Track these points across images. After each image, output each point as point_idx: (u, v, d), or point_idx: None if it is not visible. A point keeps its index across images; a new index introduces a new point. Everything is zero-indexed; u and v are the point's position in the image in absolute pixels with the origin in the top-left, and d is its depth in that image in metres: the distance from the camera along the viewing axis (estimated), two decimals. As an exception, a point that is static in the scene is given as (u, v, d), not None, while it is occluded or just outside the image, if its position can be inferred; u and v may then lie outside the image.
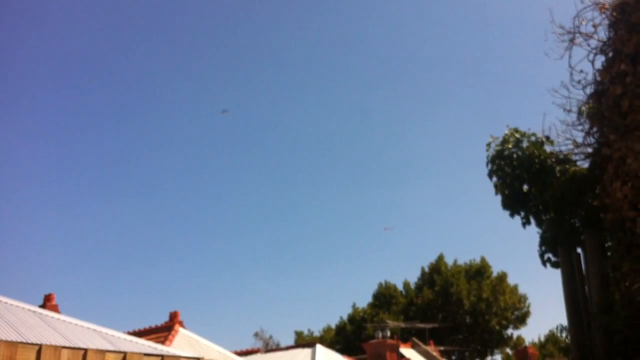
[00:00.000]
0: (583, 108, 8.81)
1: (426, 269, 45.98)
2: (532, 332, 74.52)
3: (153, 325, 20.94)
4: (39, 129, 60.52)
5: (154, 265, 63.56)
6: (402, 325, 34.91)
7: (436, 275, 44.47)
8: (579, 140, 8.69)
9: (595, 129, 8.63)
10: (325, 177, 69.10)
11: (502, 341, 44.42)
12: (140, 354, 3.59)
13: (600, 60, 8.71)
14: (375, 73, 69.08)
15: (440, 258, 45.75)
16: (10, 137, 55.23)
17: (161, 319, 21.37)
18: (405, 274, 70.06)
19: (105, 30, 60.83)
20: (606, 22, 9.08)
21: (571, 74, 8.47)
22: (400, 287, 46.71)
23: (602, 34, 8.86)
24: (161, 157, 65.19)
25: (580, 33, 8.92)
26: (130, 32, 64.09)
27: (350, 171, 68.09)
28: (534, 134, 8.35)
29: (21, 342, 3.37)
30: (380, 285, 46.71)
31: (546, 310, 57.82)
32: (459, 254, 64.11)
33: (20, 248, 56.89)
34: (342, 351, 31.24)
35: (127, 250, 64.08)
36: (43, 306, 17.41)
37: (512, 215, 8.10)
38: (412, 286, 46.34)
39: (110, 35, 61.49)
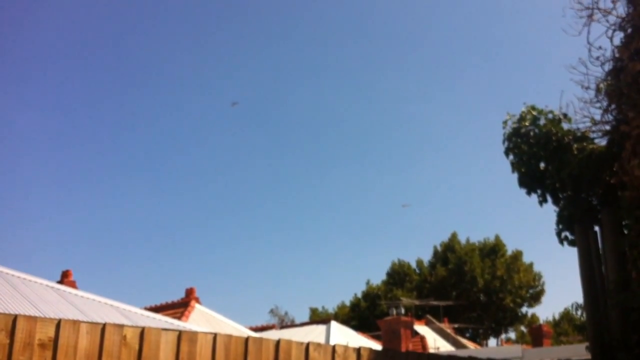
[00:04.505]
0: (601, 85, 8.71)
1: (439, 248, 46.05)
2: (546, 311, 74.51)
3: (169, 301, 21.18)
4: (54, 101, 60.79)
5: (170, 241, 64.00)
6: (416, 302, 35.07)
7: (450, 254, 44.51)
8: (597, 117, 8.60)
9: (613, 106, 8.54)
10: (340, 154, 68.96)
11: (516, 319, 44.53)
12: (158, 329, 3.63)
13: (619, 37, 8.62)
14: (386, 51, 68.57)
15: (454, 236, 45.77)
16: (29, 108, 55.62)
17: (177, 295, 21.60)
18: (417, 253, 70.15)
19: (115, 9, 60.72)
20: (625, -3, 8.99)
21: (589, 51, 8.37)
22: (413, 265, 46.88)
23: (621, 9, 8.75)
24: (175, 131, 65.25)
25: (598, 9, 8.80)
26: (139, 12, 63.96)
27: (365, 148, 67.85)
28: (551, 112, 8.25)
29: (40, 317, 3.42)
30: (393, 263, 46.87)
31: (561, 288, 57.73)
32: (473, 234, 64.29)
33: (37, 224, 57.48)
34: (356, 328, 31.46)
35: (144, 227, 64.50)
36: (61, 282, 17.63)
37: (528, 193, 8.03)
38: (426, 264, 46.46)
39: (118, 13, 61.45)
